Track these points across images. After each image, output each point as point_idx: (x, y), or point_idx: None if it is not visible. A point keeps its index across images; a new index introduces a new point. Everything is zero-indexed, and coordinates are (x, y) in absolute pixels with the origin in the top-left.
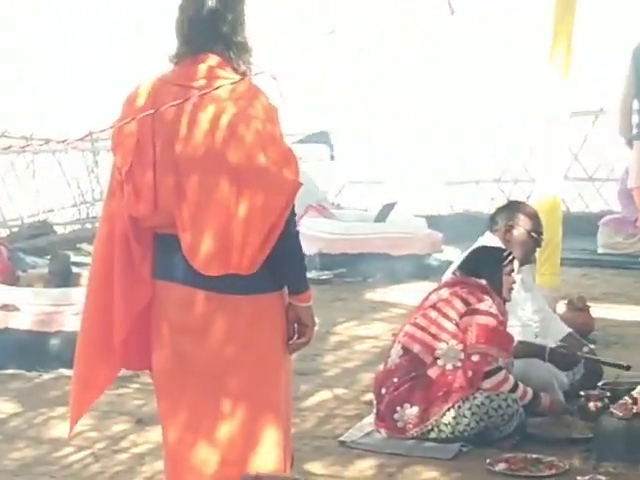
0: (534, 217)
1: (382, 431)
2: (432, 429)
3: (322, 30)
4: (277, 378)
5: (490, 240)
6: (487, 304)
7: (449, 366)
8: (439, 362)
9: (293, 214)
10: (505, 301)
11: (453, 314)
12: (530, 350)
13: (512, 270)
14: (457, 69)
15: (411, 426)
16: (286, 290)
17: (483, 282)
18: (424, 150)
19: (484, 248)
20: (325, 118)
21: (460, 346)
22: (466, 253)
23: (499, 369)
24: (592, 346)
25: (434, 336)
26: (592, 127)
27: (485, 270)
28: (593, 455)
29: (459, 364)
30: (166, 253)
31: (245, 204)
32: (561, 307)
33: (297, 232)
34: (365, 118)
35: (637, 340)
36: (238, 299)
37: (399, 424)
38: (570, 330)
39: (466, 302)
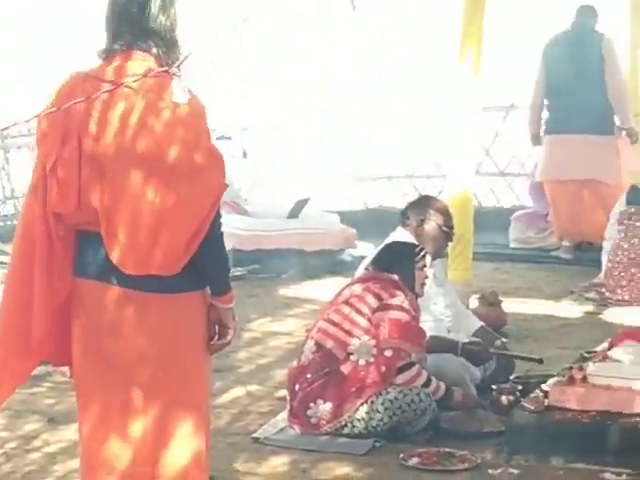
0: (445, 211)
1: (295, 427)
2: (345, 425)
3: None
4: (199, 377)
5: (402, 235)
6: (399, 299)
7: (362, 362)
8: (352, 358)
9: (219, 215)
10: (417, 296)
11: (366, 310)
12: (443, 345)
13: (424, 265)
14: (368, 67)
15: (324, 422)
16: (208, 290)
17: (395, 277)
18: (336, 146)
19: (396, 243)
20: (243, 114)
21: (373, 342)
22: (379, 248)
23: (412, 364)
24: (504, 340)
25: (347, 332)
26: (503, 122)
27: (397, 265)
28: (505, 448)
29: (372, 360)
30: (87, 250)
31: (170, 204)
32: (474, 302)
33: (222, 234)
34: (279, 113)
35: (548, 334)
36: (158, 297)
37: (312, 420)
38: (482, 324)
39: (379, 297)
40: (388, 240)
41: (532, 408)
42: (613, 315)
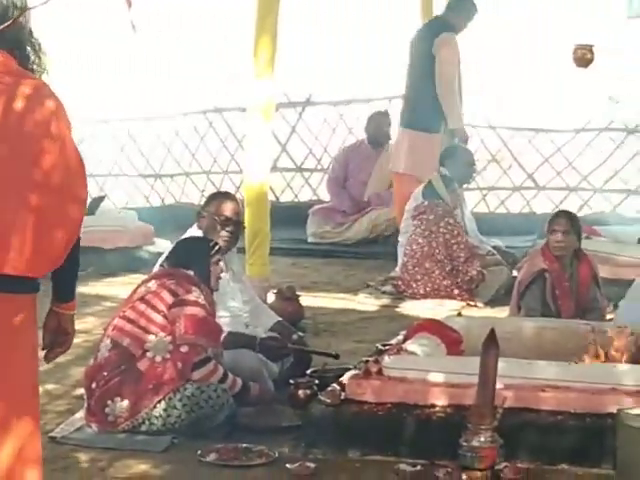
0: (222, 202)
1: (93, 425)
2: (143, 422)
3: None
4: (30, 381)
5: (197, 231)
6: (195, 295)
7: (158, 358)
8: (148, 354)
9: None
10: (213, 290)
11: (161, 306)
12: (240, 340)
13: (219, 260)
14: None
15: (122, 419)
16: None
17: (191, 273)
18: (134, 143)
19: (190, 239)
20: None
21: (169, 338)
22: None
23: (208, 359)
24: (301, 334)
25: (143, 329)
26: (300, 118)
27: (192, 261)
28: (302, 442)
29: (168, 356)
30: None
31: (38, 210)
32: (271, 296)
33: (79, 239)
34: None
35: (345, 327)
36: None
37: (110, 418)
38: (279, 319)
39: (174, 293)
40: (184, 236)
41: (329, 402)
42: (409, 308)
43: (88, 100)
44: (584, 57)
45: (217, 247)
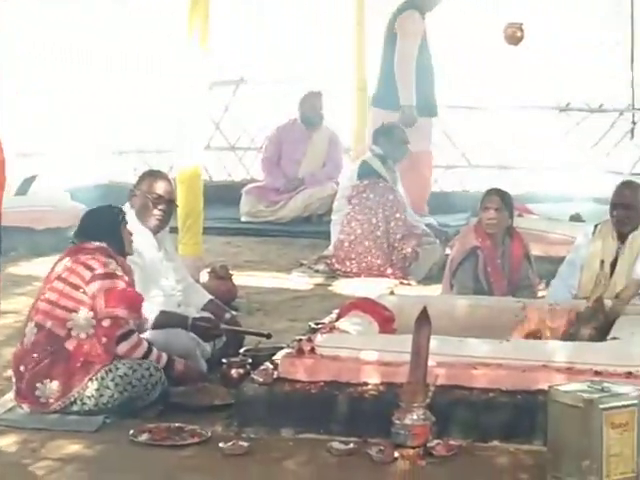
0: (154, 181)
1: (24, 406)
2: (75, 402)
3: None
4: None
5: (129, 210)
6: (112, 267)
7: (83, 335)
8: (73, 333)
9: None
10: (128, 254)
11: (79, 282)
12: (173, 320)
13: (126, 223)
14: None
15: (53, 400)
16: None
17: (104, 245)
18: (68, 121)
19: (95, 210)
20: None
21: (91, 314)
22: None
23: (131, 332)
24: (234, 313)
25: (64, 308)
26: (233, 97)
27: (102, 232)
28: (235, 421)
29: (92, 332)
30: None
31: None
32: (205, 276)
33: None
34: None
35: (279, 306)
36: None
37: (41, 400)
38: (211, 297)
39: (90, 268)
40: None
41: (261, 380)
42: (342, 287)
43: None
44: (514, 35)
45: (124, 212)
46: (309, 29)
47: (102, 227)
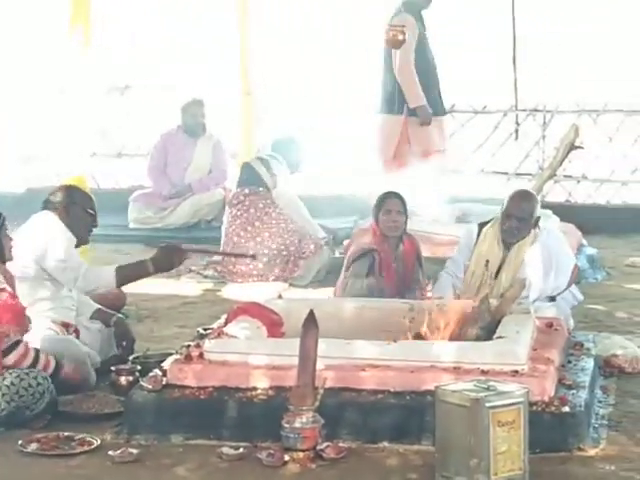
0: (89, 196)
1: None
2: None
3: None
4: None
5: (47, 218)
6: None
7: None
8: None
9: None
10: (7, 262)
11: None
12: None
13: (7, 229)
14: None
15: None
16: None
17: None
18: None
19: None
20: None
21: None
22: None
23: (17, 343)
24: (120, 316)
25: None
26: (119, 103)
27: None
28: (125, 429)
29: None
30: None
31: None
32: None
33: None
34: None
35: (168, 312)
36: None
37: None
38: (98, 306)
39: None
40: (31, 224)
41: (150, 387)
42: (231, 292)
43: None
44: (395, 38)
45: (3, 217)
46: (196, 33)
47: None
